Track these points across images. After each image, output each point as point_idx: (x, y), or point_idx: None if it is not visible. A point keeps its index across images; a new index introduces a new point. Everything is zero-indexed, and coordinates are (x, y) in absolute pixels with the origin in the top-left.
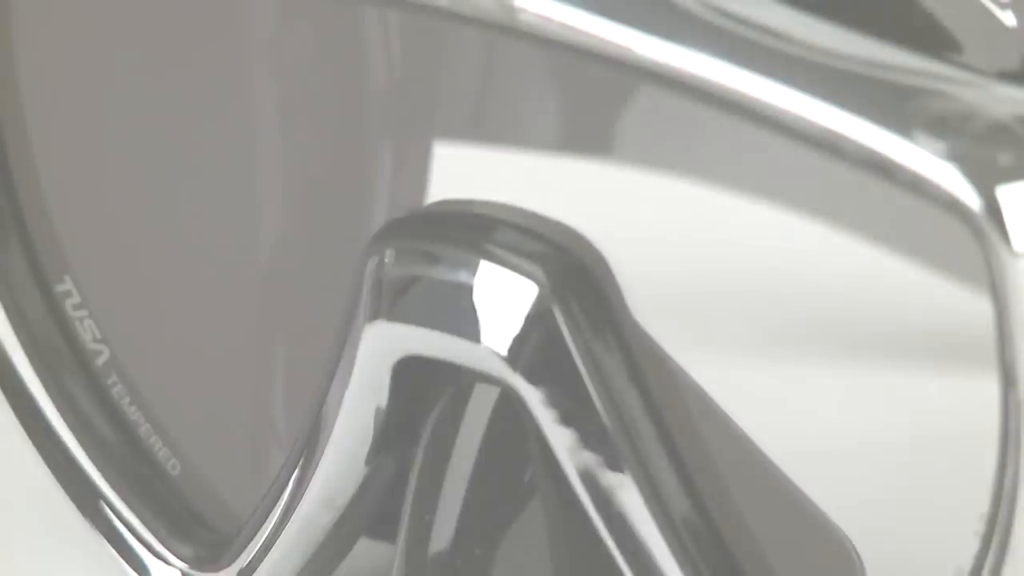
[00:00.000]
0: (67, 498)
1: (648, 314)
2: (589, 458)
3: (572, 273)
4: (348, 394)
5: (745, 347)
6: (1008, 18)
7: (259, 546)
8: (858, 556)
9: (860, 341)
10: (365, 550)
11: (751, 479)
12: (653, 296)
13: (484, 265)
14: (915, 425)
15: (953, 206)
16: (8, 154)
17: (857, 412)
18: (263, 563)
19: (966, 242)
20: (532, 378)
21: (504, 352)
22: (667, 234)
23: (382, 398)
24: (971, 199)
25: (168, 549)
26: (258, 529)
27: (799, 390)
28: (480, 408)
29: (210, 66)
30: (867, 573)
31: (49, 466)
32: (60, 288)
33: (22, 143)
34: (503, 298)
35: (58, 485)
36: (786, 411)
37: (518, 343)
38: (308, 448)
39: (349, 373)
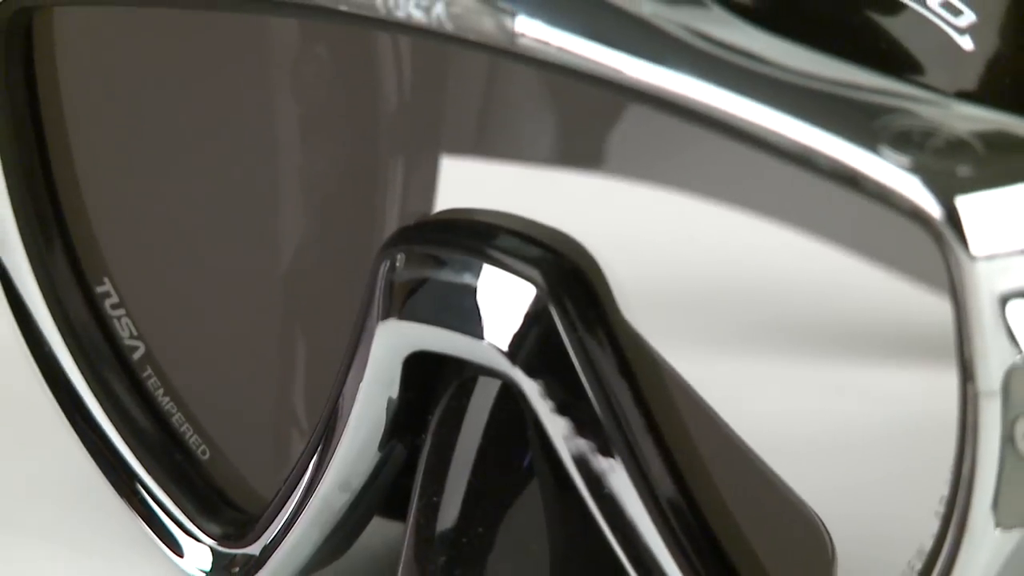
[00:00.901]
0: (106, 481)
1: (637, 313)
2: (582, 444)
3: (567, 275)
4: (363, 386)
5: (726, 343)
6: (966, 43)
7: (281, 524)
8: (829, 535)
9: (830, 338)
10: (378, 528)
11: (731, 464)
12: (641, 296)
13: (486, 268)
14: (881, 415)
15: (916, 214)
16: (53, 169)
17: (828, 403)
18: (285, 540)
19: (928, 247)
20: (530, 371)
21: (505, 348)
22: (654, 240)
23: (393, 390)
24: (932, 208)
25: (198, 527)
26: (280, 509)
27: (775, 382)
28: (483, 399)
29: (238, 88)
30: (837, 551)
31: (90, 452)
32: (100, 289)
33: (66, 160)
34: (504, 299)
35: (98, 470)
36: (763, 402)
37: (517, 340)
38: (326, 435)
39: (363, 367)
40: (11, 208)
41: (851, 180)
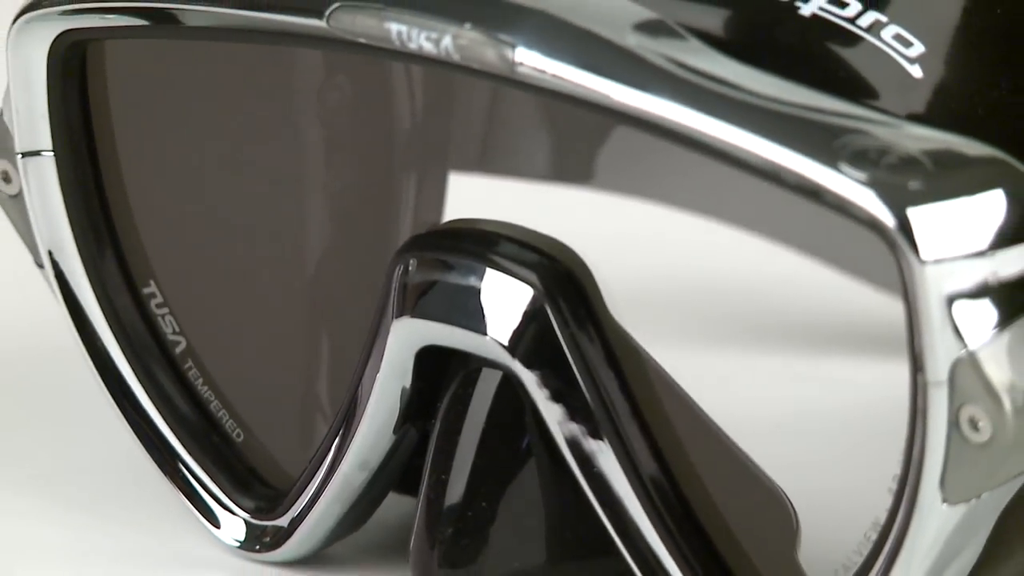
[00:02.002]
0: (151, 461)
1: (623, 311)
2: (574, 428)
3: (560, 278)
4: (379, 377)
5: (701, 338)
6: (916, 71)
7: (307, 499)
8: (793, 509)
9: (794, 333)
10: (393, 503)
11: (705, 445)
12: (627, 297)
13: (489, 272)
14: (841, 401)
15: (872, 224)
16: (105, 184)
17: (792, 391)
18: (310, 513)
19: (882, 253)
20: (528, 364)
21: (505, 342)
22: (638, 246)
23: (406, 380)
24: (887, 218)
25: (233, 502)
26: (306, 485)
27: (745, 372)
28: (486, 388)
29: (269, 111)
30: (800, 523)
31: (137, 435)
32: (146, 291)
33: (116, 175)
34: (504, 299)
35: (144, 451)
36: (734, 389)
37: (517, 335)
38: (346, 420)
39: (380, 359)
40: (68, 219)
41: (814, 193)
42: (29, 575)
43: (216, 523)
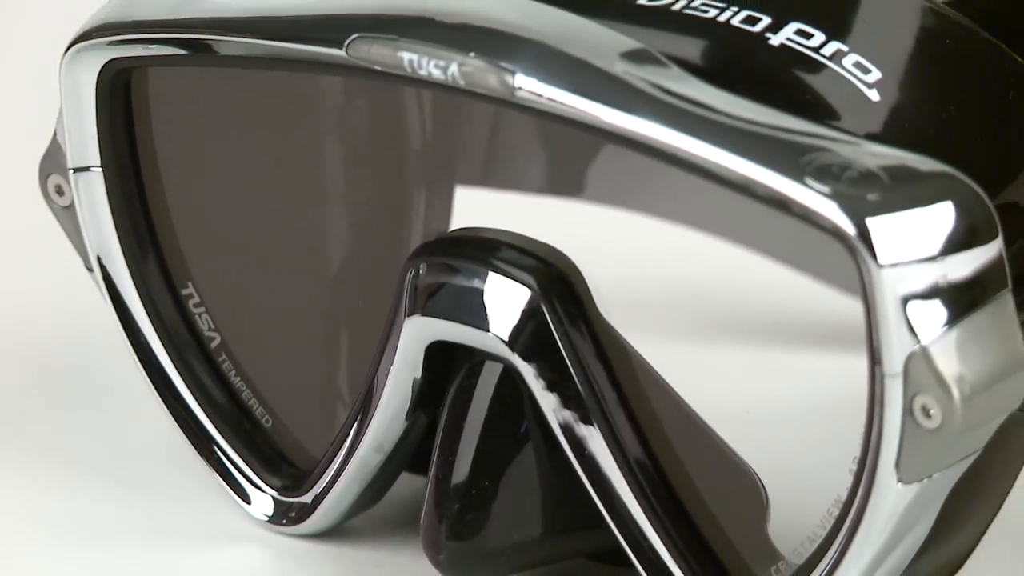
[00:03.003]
0: (189, 445)
1: (611, 310)
2: (567, 415)
3: (555, 280)
4: (393, 369)
5: (682, 334)
6: (873, 95)
7: (328, 478)
8: (763, 487)
9: (766, 330)
10: (405, 481)
11: (685, 430)
12: (615, 297)
13: (491, 275)
14: (807, 391)
15: (835, 232)
16: (147, 196)
17: (763, 381)
18: (331, 491)
19: (844, 259)
20: (526, 357)
21: (506, 338)
22: (625, 252)
23: (417, 372)
24: (847, 227)
25: (262, 480)
26: (328, 466)
27: (721, 365)
28: (488, 379)
29: (295, 130)
30: (770, 500)
31: (176, 422)
32: (184, 292)
33: (157, 189)
34: (505, 299)
35: (183, 435)
36: (711, 380)
37: (516, 332)
38: (364, 407)
39: (394, 353)
40: (114, 228)
41: (782, 204)
42: (82, 546)
43: (247, 500)
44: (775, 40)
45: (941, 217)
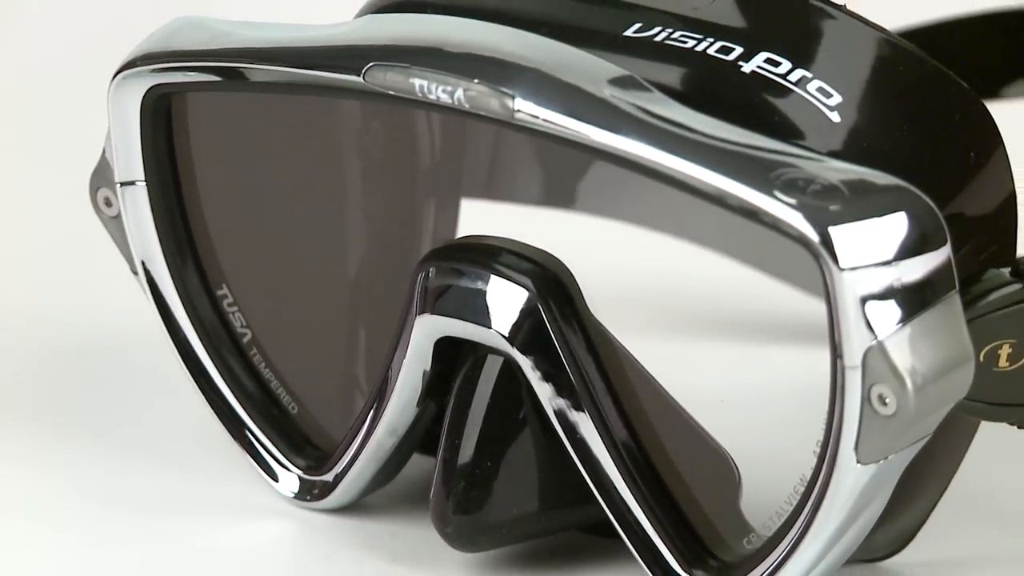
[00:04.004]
0: (224, 429)
1: (600, 309)
2: (561, 403)
3: (550, 282)
4: (405, 362)
5: (663, 329)
6: (835, 117)
7: (348, 459)
8: (736, 467)
9: (738, 326)
10: (416, 461)
11: (666, 416)
12: (603, 297)
13: (493, 278)
14: (775, 381)
15: (800, 240)
16: (186, 207)
17: (735, 371)
18: (350, 470)
19: (809, 262)
20: (524, 351)
21: (506, 334)
22: (613, 257)
23: (427, 364)
24: (812, 235)
25: (289, 461)
26: (347, 448)
27: (698, 357)
28: (491, 370)
29: (319, 148)
30: (742, 478)
31: (212, 409)
32: (219, 292)
33: (195, 201)
34: (505, 299)
35: (218, 421)
36: (689, 370)
37: (515, 328)
38: (379, 396)
39: (406, 348)
40: (156, 236)
41: (753, 215)
42: (132, 518)
43: (275, 478)
44: (747, 68)
45: (895, 226)
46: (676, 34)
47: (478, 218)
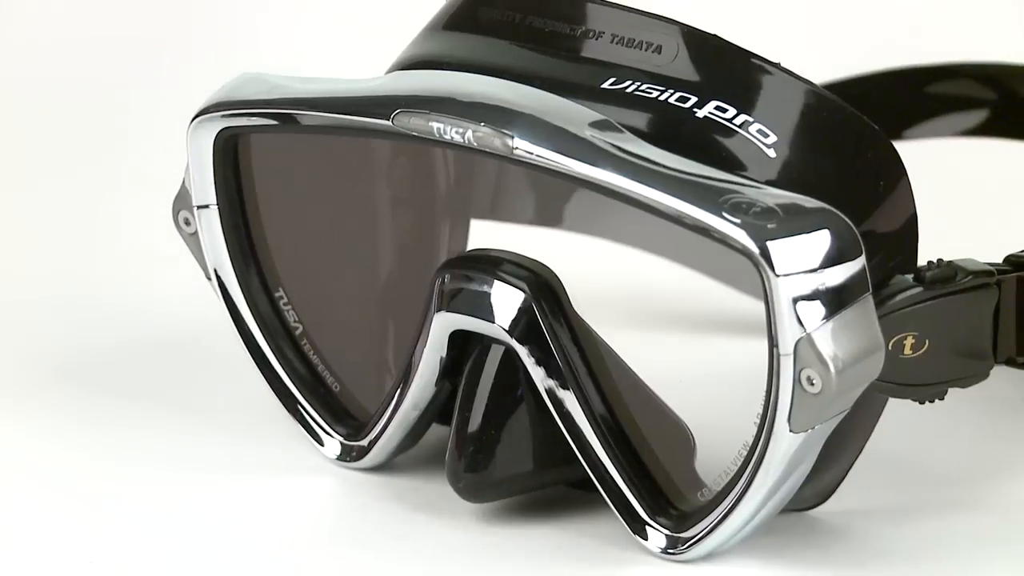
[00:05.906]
0: (280, 404)
1: (583, 307)
2: (551, 383)
3: (543, 286)
4: (426, 350)
5: (636, 324)
6: (771, 153)
7: (379, 428)
8: (692, 435)
9: (694, 322)
10: (435, 430)
11: (636, 394)
12: (585, 297)
13: (496, 283)
14: (723, 365)
15: (744, 252)
16: (250, 226)
17: (693, 357)
18: (382, 437)
19: (751, 270)
20: (522, 341)
21: (507, 328)
22: (594, 265)
23: (443, 352)
24: (753, 248)
25: (332, 429)
26: (379, 420)
27: (661, 346)
28: (494, 357)
29: (356, 179)
30: (696, 444)
31: (271, 387)
32: (276, 294)
33: (257, 221)
34: (506, 300)
35: (275, 397)
36: (654, 357)
37: (514, 323)
38: (405, 378)
39: (427, 339)
40: (226, 249)
41: (706, 232)
42: (202, 477)
43: (321, 443)
44: (700, 113)
45: (821, 240)
46: (643, 86)
47: (484, 235)
